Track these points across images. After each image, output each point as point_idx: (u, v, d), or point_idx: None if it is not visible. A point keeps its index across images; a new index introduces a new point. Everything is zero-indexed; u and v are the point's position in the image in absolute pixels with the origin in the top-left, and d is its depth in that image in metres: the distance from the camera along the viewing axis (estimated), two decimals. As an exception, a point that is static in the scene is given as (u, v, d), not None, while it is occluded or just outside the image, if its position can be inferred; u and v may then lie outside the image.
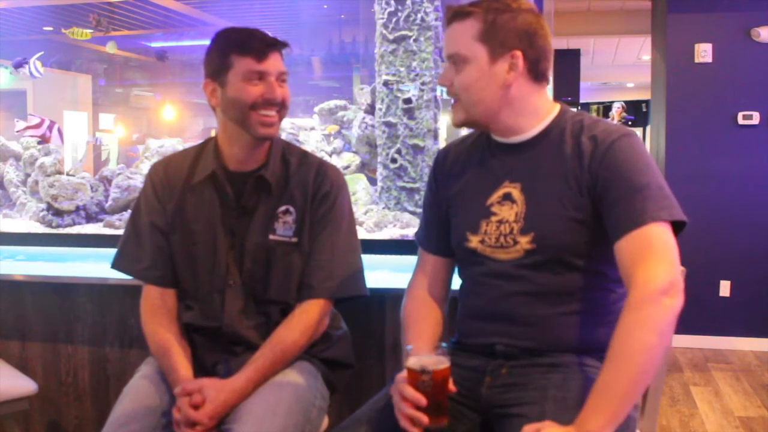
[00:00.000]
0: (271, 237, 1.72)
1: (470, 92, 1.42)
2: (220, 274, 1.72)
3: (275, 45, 1.69)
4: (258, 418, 1.54)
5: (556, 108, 1.48)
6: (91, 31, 3.90)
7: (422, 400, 1.29)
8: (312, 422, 1.66)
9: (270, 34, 1.74)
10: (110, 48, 3.92)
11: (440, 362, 1.30)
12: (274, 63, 1.67)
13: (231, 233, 1.74)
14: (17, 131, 3.56)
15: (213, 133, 1.82)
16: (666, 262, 1.27)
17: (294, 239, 1.73)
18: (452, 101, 1.46)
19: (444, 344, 1.33)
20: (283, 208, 1.74)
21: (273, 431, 1.53)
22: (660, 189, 1.33)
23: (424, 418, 1.28)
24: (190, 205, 1.76)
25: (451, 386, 1.32)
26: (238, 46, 1.68)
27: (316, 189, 1.76)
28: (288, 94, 1.71)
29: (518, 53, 1.41)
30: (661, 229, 1.30)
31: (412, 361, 1.31)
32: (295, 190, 1.75)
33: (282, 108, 1.69)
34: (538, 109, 1.46)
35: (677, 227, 1.34)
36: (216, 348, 1.74)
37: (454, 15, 1.43)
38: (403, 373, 1.33)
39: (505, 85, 1.42)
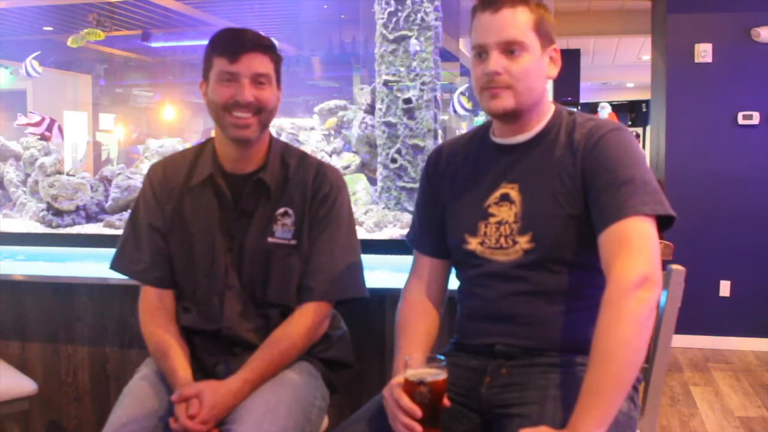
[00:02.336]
0: (270, 239, 1.72)
1: (528, 80, 1.40)
2: (219, 276, 1.72)
3: (252, 46, 1.65)
4: (258, 419, 1.54)
5: (553, 108, 1.49)
6: (101, 29, 3.89)
7: (417, 412, 1.29)
8: (312, 422, 1.66)
9: (264, 34, 1.72)
10: (72, 42, 3.87)
11: (438, 374, 1.30)
12: (248, 64, 1.64)
13: (229, 236, 1.73)
14: (17, 125, 3.56)
15: (213, 134, 1.83)
16: (642, 256, 1.27)
17: (293, 242, 1.73)
18: (491, 89, 1.41)
19: (442, 357, 1.33)
20: (281, 210, 1.73)
21: (273, 431, 1.53)
22: (645, 184, 1.33)
23: (419, 429, 1.28)
24: (188, 207, 1.76)
25: (446, 400, 1.32)
26: (217, 46, 1.68)
27: (315, 190, 1.75)
28: (267, 97, 1.67)
29: (557, 48, 1.45)
30: (641, 223, 1.30)
31: (411, 372, 1.32)
32: (294, 192, 1.74)
33: (259, 111, 1.66)
34: (545, 108, 1.47)
35: (666, 223, 1.34)
36: (215, 349, 1.74)
37: (503, 3, 1.42)
38: (399, 380, 1.34)
39: (548, 77, 1.44)
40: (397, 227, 2.71)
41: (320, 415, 1.72)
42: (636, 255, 1.27)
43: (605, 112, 11.57)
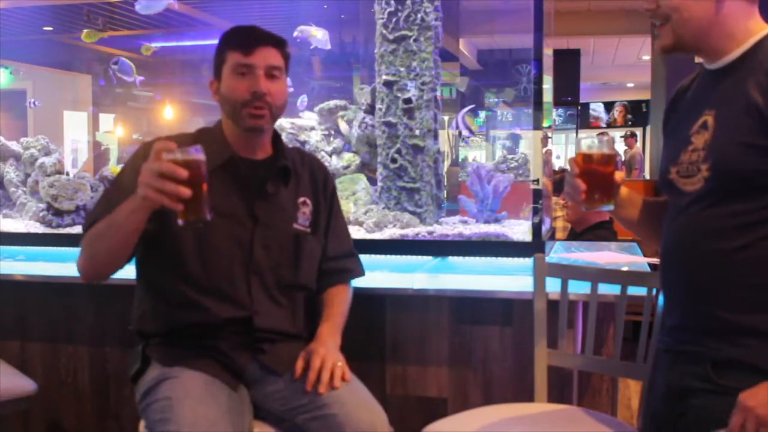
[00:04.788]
0: (295, 226, 1.81)
1: (681, 10, 1.33)
2: (245, 258, 1.74)
3: (265, 40, 1.74)
4: (353, 391, 1.69)
5: (765, 30, 1.36)
6: (95, 27, 3.88)
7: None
8: None
9: (272, 32, 1.78)
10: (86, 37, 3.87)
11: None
12: (262, 57, 1.71)
13: (253, 219, 1.75)
14: None
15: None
16: None
17: (309, 229, 1.83)
18: (657, 26, 1.36)
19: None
20: (302, 199, 1.84)
21: (363, 398, 1.69)
22: None
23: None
24: None
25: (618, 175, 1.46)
26: (230, 41, 1.76)
27: (324, 182, 1.89)
28: (279, 90, 1.74)
29: None
30: None
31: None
32: (309, 183, 1.87)
33: (271, 105, 1.72)
34: (747, 30, 1.34)
35: None
36: (243, 346, 1.73)
37: None
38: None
39: (717, 1, 1.33)
40: (397, 227, 2.71)
41: None
42: None
43: (617, 106, 11.52)
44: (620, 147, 11.77)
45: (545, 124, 2.71)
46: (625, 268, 2.20)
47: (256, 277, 1.74)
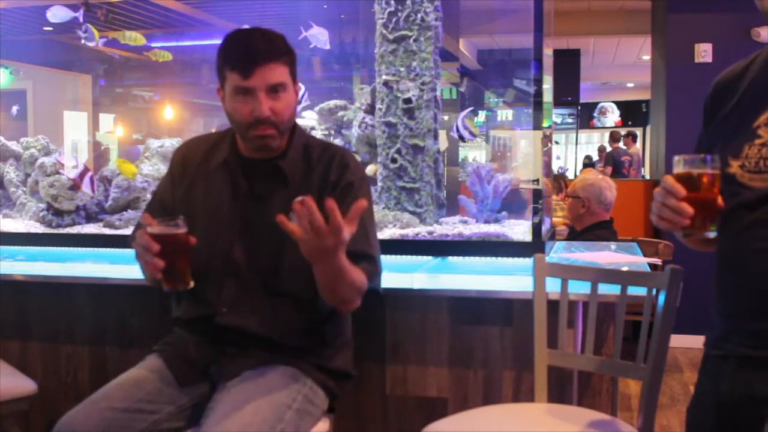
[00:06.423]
0: None
1: None
2: (223, 261, 1.73)
3: (264, 57, 1.65)
4: (220, 415, 1.56)
5: None
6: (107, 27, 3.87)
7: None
8: (285, 422, 1.62)
9: (273, 39, 1.71)
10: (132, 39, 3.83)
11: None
12: (262, 78, 1.64)
13: (243, 220, 1.74)
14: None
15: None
16: None
17: None
18: None
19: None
20: (299, 199, 1.74)
21: (235, 427, 1.52)
22: None
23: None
24: (198, 190, 1.79)
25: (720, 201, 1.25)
26: (228, 58, 1.68)
27: (338, 178, 1.76)
28: (283, 106, 1.69)
29: None
30: None
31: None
32: (316, 181, 1.76)
33: (276, 124, 1.68)
34: None
35: None
36: (207, 348, 1.74)
37: None
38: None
39: None
40: (397, 227, 2.71)
41: (300, 417, 1.68)
42: None
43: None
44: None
45: (545, 124, 2.71)
46: (625, 268, 2.19)
47: (231, 279, 1.73)
